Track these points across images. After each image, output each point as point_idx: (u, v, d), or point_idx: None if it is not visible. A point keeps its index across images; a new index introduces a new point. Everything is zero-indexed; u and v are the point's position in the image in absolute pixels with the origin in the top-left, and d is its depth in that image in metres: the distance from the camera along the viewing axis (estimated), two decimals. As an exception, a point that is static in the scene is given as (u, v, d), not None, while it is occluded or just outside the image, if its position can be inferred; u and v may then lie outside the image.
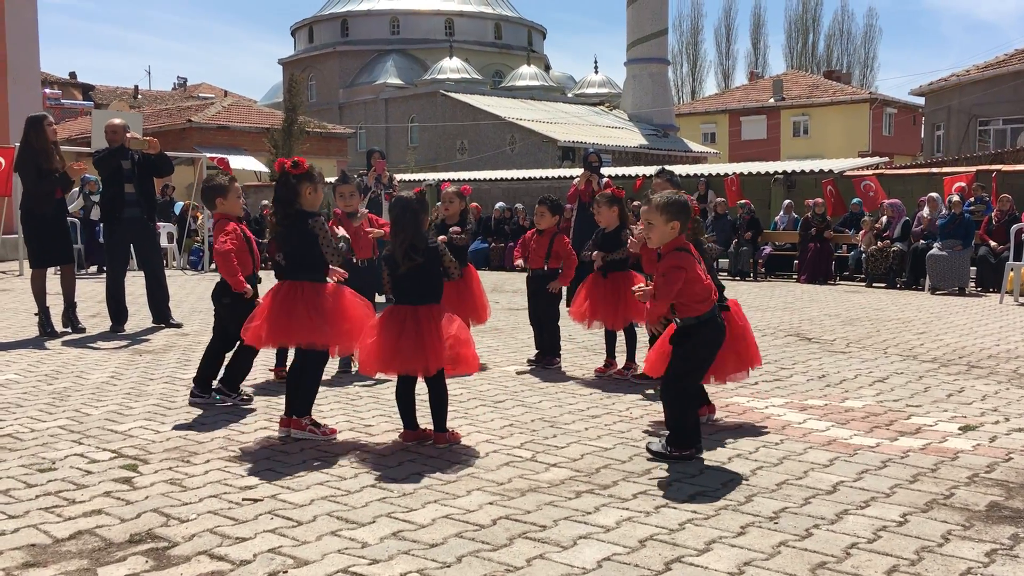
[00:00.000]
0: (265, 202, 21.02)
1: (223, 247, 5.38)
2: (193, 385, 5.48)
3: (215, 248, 5.47)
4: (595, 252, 6.45)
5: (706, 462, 4.21)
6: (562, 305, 7.16)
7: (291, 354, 5.21)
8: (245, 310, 5.03)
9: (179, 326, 8.88)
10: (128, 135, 8.58)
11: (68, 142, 27.96)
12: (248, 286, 5.39)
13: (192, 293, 11.56)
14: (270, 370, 6.30)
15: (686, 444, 4.22)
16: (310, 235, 4.63)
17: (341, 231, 5.79)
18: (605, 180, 10.88)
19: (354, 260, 6.27)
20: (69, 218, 10.07)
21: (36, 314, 8.38)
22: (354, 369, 6.31)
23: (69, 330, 8.41)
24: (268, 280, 4.94)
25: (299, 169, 4.67)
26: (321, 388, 5.92)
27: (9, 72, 19.63)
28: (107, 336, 8.28)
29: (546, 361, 6.81)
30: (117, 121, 8.90)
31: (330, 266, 4.74)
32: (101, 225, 16.35)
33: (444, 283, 4.59)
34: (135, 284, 9.61)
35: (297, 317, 4.53)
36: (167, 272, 9.25)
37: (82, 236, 15.77)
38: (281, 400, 4.96)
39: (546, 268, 6.85)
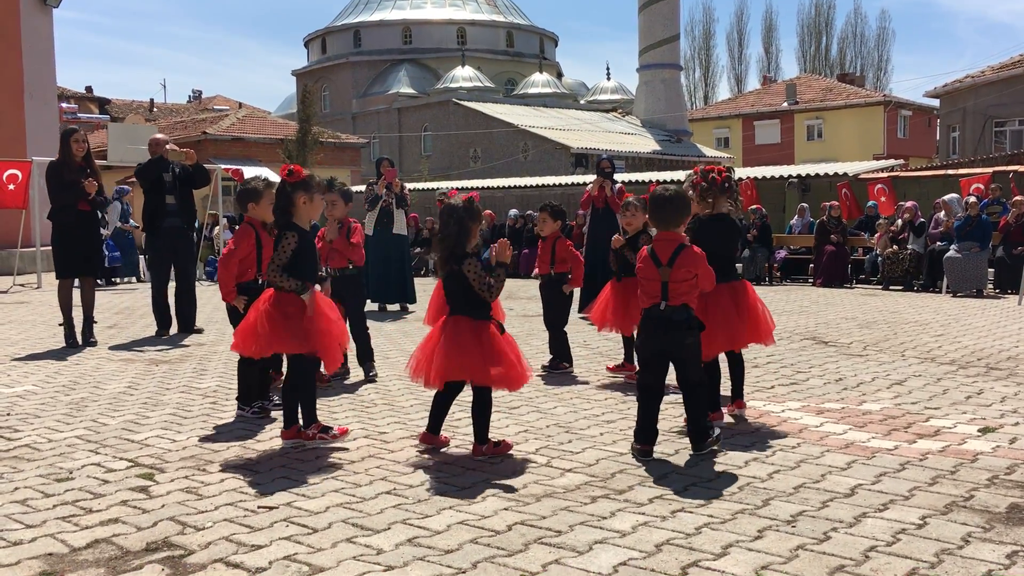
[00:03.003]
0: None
1: (224, 252, 5.43)
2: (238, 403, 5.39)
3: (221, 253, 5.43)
4: (615, 236, 6.65)
5: (723, 466, 4.19)
6: (574, 310, 7.18)
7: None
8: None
9: (200, 331, 9.19)
10: (168, 147, 8.83)
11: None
12: (236, 296, 5.39)
13: (208, 303, 11.61)
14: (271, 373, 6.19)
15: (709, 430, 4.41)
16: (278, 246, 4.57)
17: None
18: (619, 186, 10.89)
19: (324, 272, 6.27)
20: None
21: (60, 324, 8.49)
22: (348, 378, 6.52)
23: (85, 343, 8.46)
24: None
25: (294, 177, 4.55)
26: (336, 395, 5.94)
27: (26, 87, 19.82)
28: (123, 346, 8.33)
29: (557, 367, 6.81)
30: (159, 135, 9.44)
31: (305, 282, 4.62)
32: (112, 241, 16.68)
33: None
34: (150, 294, 9.64)
35: (275, 327, 4.48)
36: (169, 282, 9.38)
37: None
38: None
39: (552, 273, 6.92)
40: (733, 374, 5.22)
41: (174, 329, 9.18)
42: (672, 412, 5.30)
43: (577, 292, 7.45)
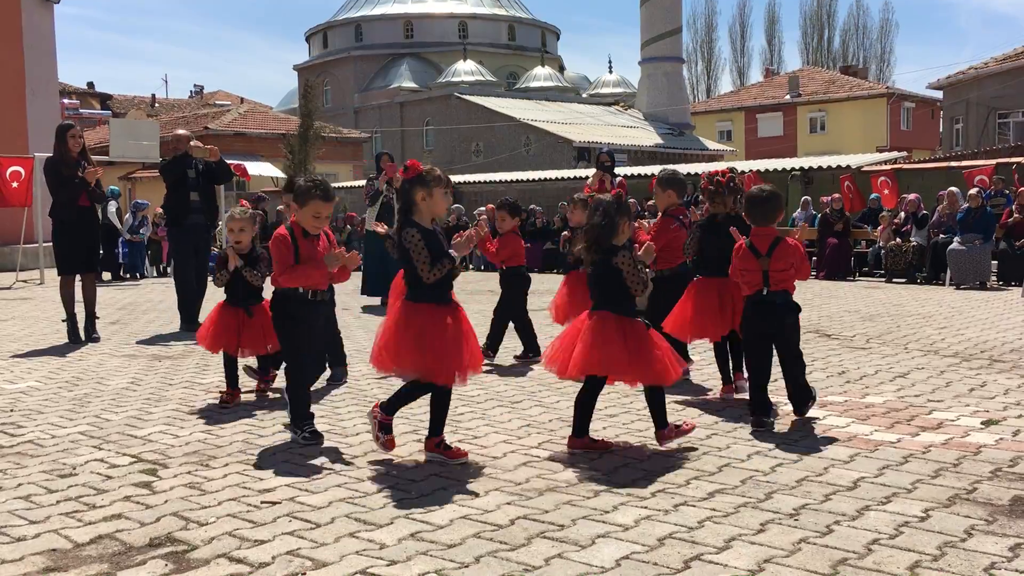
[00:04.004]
0: (281, 207, 21.12)
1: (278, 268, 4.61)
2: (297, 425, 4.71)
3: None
4: (564, 232, 7.22)
5: (725, 459, 4.19)
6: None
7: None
8: (311, 327, 4.63)
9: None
10: (192, 144, 8.81)
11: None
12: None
13: (210, 300, 11.60)
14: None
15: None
16: (403, 248, 4.23)
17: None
18: (619, 179, 10.88)
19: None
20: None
21: (64, 320, 8.51)
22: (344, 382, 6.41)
23: (88, 339, 8.47)
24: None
25: (410, 172, 4.28)
26: (340, 392, 5.95)
27: (28, 83, 19.82)
28: (127, 342, 8.34)
29: (526, 359, 6.95)
30: (182, 131, 9.42)
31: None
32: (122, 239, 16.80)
33: None
34: (155, 291, 9.65)
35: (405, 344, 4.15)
36: (164, 280, 9.37)
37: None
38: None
39: (505, 267, 7.17)
40: (734, 351, 5.70)
41: (153, 329, 9.06)
42: (675, 406, 5.30)
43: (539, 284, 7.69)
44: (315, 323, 4.72)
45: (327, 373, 6.06)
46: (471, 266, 18.94)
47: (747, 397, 4.98)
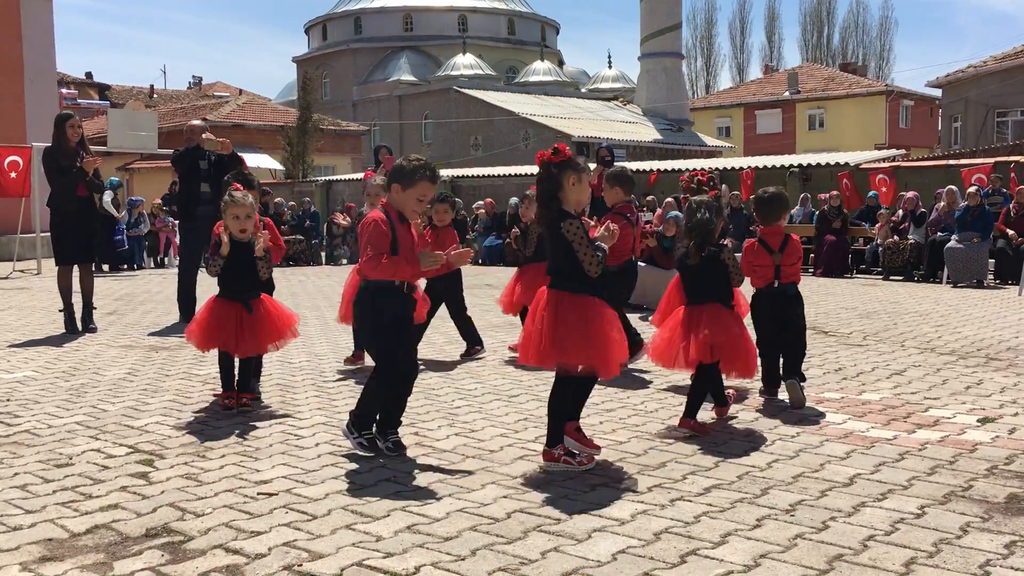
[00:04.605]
0: (279, 200, 21.10)
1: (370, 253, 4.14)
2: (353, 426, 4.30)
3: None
4: (513, 229, 7.29)
5: (722, 455, 4.19)
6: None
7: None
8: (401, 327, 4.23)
9: None
10: (204, 136, 8.79)
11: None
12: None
13: (208, 292, 11.59)
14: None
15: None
16: (564, 241, 3.96)
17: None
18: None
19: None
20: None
21: (61, 310, 8.49)
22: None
23: (85, 330, 8.45)
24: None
25: (560, 156, 4.01)
26: (336, 383, 5.94)
27: (26, 73, 19.76)
28: (123, 332, 8.33)
29: (471, 352, 7.01)
30: (196, 122, 9.49)
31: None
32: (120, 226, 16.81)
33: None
34: (152, 282, 9.64)
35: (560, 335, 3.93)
36: (170, 268, 9.35)
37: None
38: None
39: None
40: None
41: (150, 320, 9.04)
42: (672, 401, 5.30)
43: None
44: (409, 320, 4.32)
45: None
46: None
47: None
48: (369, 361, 6.33)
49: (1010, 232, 13.22)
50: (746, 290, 5.32)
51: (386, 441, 4.24)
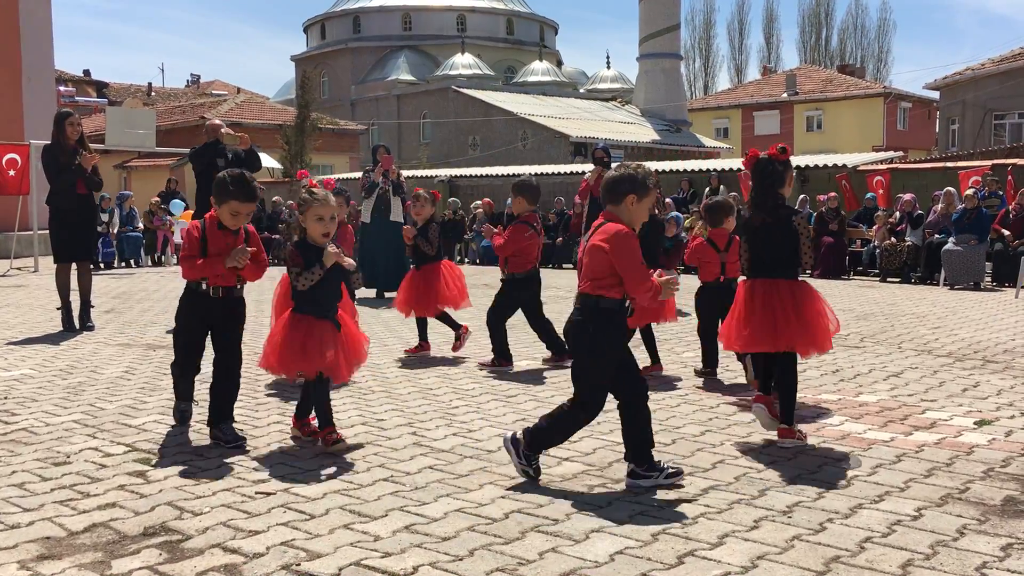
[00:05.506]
0: (277, 198, 21.09)
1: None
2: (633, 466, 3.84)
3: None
4: (406, 228, 7.37)
5: (719, 456, 4.20)
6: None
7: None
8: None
9: None
10: (223, 131, 8.80)
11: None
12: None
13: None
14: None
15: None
16: (792, 233, 4.37)
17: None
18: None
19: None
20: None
21: (58, 308, 8.49)
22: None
23: (82, 328, 8.45)
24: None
25: (785, 155, 4.37)
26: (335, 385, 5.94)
27: (24, 71, 19.75)
28: (121, 331, 8.33)
29: (553, 359, 6.85)
30: (215, 120, 9.59)
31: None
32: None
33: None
34: (149, 280, 9.63)
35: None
36: (167, 267, 9.36)
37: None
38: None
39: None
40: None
41: (148, 318, 9.07)
42: (669, 402, 5.31)
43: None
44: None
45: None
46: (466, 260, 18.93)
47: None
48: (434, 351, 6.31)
49: (1005, 232, 13.24)
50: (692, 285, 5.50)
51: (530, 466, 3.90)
